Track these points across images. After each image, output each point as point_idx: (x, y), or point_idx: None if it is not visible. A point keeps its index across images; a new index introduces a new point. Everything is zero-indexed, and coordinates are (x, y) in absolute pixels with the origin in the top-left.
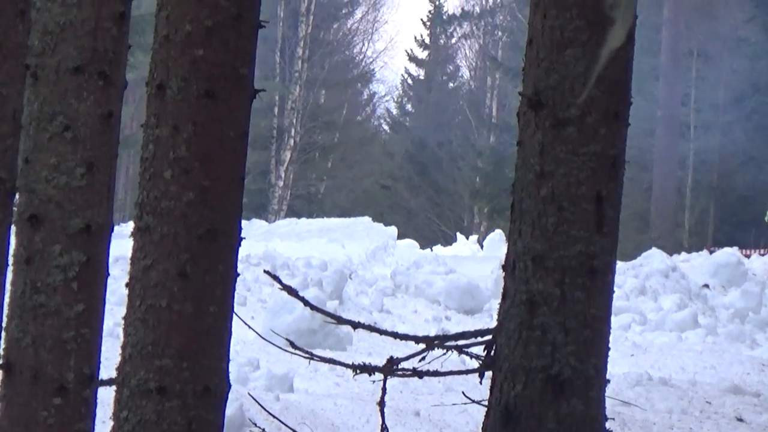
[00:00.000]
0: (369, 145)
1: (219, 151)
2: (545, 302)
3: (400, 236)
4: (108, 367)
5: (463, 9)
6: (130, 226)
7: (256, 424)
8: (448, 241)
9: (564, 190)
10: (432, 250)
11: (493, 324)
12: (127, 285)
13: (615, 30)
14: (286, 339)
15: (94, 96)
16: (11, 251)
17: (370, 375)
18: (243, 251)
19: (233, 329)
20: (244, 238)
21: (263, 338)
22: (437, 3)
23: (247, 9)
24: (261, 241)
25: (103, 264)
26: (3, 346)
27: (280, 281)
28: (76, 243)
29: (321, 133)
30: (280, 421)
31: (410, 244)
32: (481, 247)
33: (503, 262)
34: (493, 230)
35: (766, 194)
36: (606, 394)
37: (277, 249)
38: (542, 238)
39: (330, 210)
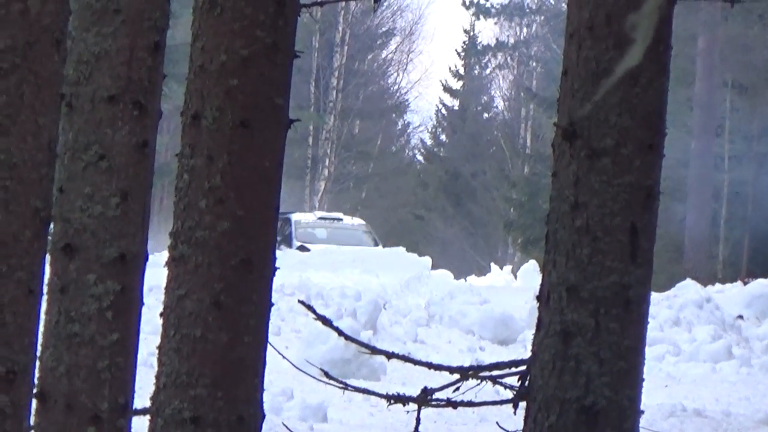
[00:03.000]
0: (403, 176)
1: (254, 181)
2: (579, 333)
3: (434, 266)
4: (142, 397)
5: (497, 40)
6: (165, 255)
7: None
8: (482, 271)
9: (598, 221)
10: (466, 281)
11: (527, 355)
12: (161, 314)
13: (633, 49)
14: (320, 369)
15: (128, 125)
16: (46, 280)
17: (404, 405)
18: (277, 281)
19: (267, 359)
20: (279, 268)
21: (297, 368)
22: (472, 34)
23: (282, 39)
24: (295, 271)
25: (137, 293)
26: (37, 375)
27: (314, 311)
28: (111, 272)
29: (355, 163)
30: None
31: (444, 274)
32: (515, 277)
33: (537, 293)
34: (527, 261)
35: None
36: (640, 425)
37: (312, 279)
38: (577, 268)
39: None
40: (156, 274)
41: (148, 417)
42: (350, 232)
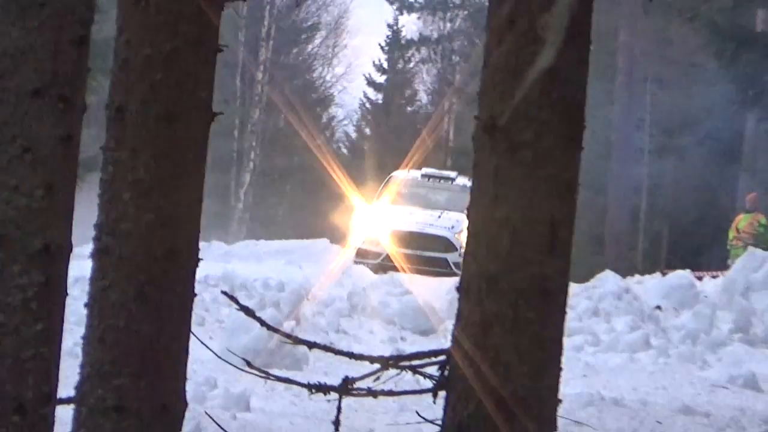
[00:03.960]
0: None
1: (178, 174)
2: (499, 323)
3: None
4: (67, 386)
5: (421, 34)
6: (90, 247)
7: None
8: None
9: (518, 214)
10: (387, 272)
11: (448, 345)
12: (86, 305)
13: (545, 51)
14: (243, 359)
15: (53, 119)
16: None
17: (325, 394)
18: (201, 272)
19: (191, 349)
20: (203, 259)
21: (220, 358)
22: (395, 28)
23: (206, 34)
24: (220, 262)
25: (62, 284)
26: None
27: (237, 302)
28: (36, 263)
29: (280, 156)
30: None
31: (331, 271)
32: None
33: (458, 284)
34: None
35: (720, 217)
36: (558, 414)
37: (236, 270)
38: (496, 260)
39: (288, 232)
40: (81, 266)
41: (72, 406)
42: (462, 195)
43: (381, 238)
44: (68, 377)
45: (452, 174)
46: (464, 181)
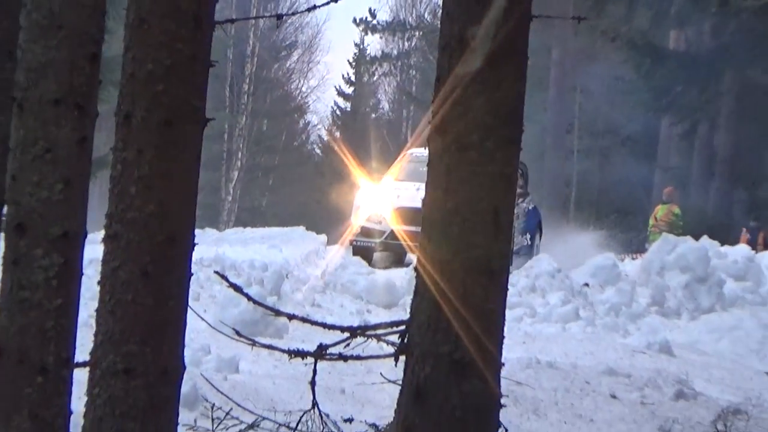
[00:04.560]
0: (304, 166)
1: (176, 171)
2: (450, 298)
3: (329, 242)
4: (83, 352)
5: (383, 51)
6: (101, 233)
7: (207, 400)
8: None
9: (467, 205)
10: (354, 254)
11: (407, 316)
12: (99, 283)
13: (474, 56)
14: (233, 328)
15: (70, 124)
16: (1, 255)
17: (303, 359)
18: (197, 255)
19: (188, 320)
20: (198, 244)
21: (213, 328)
22: (361, 47)
23: (200, 51)
24: (213, 246)
25: (78, 265)
26: None
27: (227, 280)
28: (55, 247)
29: (264, 155)
30: (228, 397)
31: (338, 249)
32: None
33: (415, 264)
34: None
35: (638, 208)
36: (501, 376)
37: (226, 253)
38: (447, 244)
39: (271, 220)
40: (94, 249)
41: (87, 369)
42: None
43: (385, 215)
44: (84, 344)
45: None
46: None
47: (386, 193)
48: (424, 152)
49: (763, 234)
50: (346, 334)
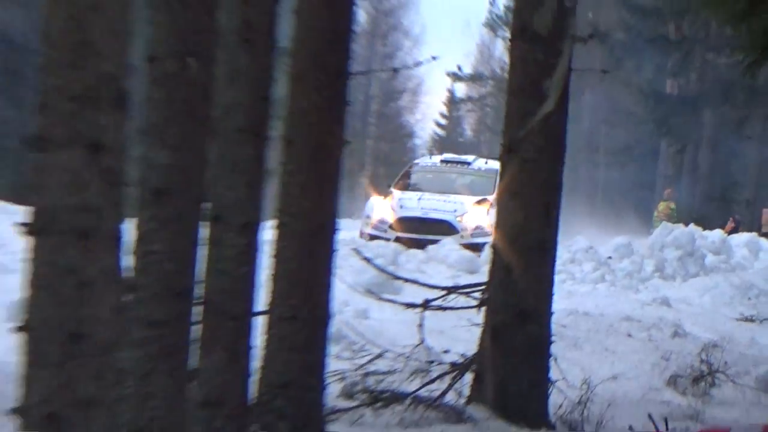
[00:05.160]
0: None
1: (324, 178)
2: (516, 267)
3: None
4: (261, 305)
5: (467, 95)
6: (272, 222)
7: (347, 338)
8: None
9: (528, 201)
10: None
11: (485, 280)
12: (273, 256)
13: (548, 101)
14: (366, 289)
15: (251, 146)
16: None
17: (414, 309)
18: (339, 236)
19: (334, 283)
20: (341, 230)
21: (351, 288)
22: (452, 91)
23: (341, 94)
24: (351, 231)
25: (257, 244)
26: (203, 292)
27: (361, 254)
28: (242, 233)
29: (383, 168)
30: (362, 335)
31: None
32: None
33: (492, 242)
34: None
35: (646, 205)
36: (552, 321)
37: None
38: (514, 229)
39: None
40: (267, 234)
41: (264, 317)
42: (477, 178)
43: (391, 223)
44: (261, 299)
45: (470, 158)
46: (480, 164)
47: (391, 203)
48: (428, 161)
49: (735, 220)
50: (443, 292)
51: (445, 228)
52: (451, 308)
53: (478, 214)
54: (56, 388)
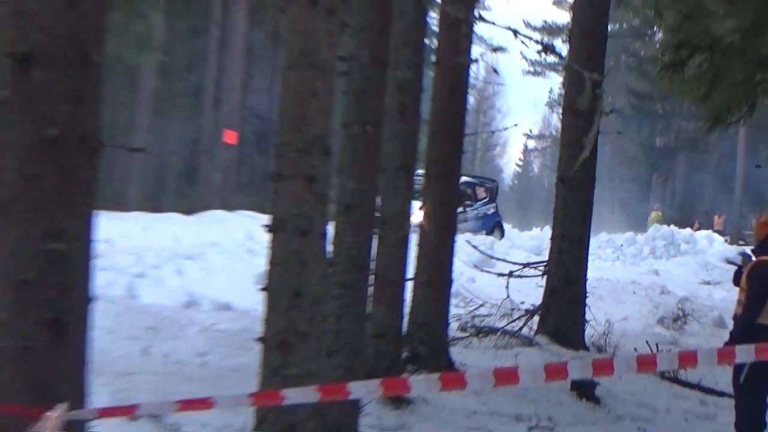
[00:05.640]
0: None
1: (447, 197)
2: (565, 251)
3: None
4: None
5: (536, 147)
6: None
7: (462, 294)
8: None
9: (573, 215)
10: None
11: (546, 259)
12: (417, 244)
13: (585, 151)
14: (473, 264)
15: (404, 180)
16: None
17: (503, 277)
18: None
19: (455, 260)
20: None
21: (465, 264)
22: (525, 144)
23: (460, 147)
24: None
25: (407, 238)
26: (375, 265)
27: (470, 243)
28: (399, 231)
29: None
30: (470, 293)
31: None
32: (541, 230)
33: (551, 237)
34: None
35: (643, 214)
36: (587, 284)
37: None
38: (565, 230)
39: None
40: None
41: (411, 282)
42: None
43: None
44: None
45: None
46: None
47: None
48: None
49: (699, 223)
50: (521, 266)
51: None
52: (526, 276)
53: (421, 216)
54: (285, 325)
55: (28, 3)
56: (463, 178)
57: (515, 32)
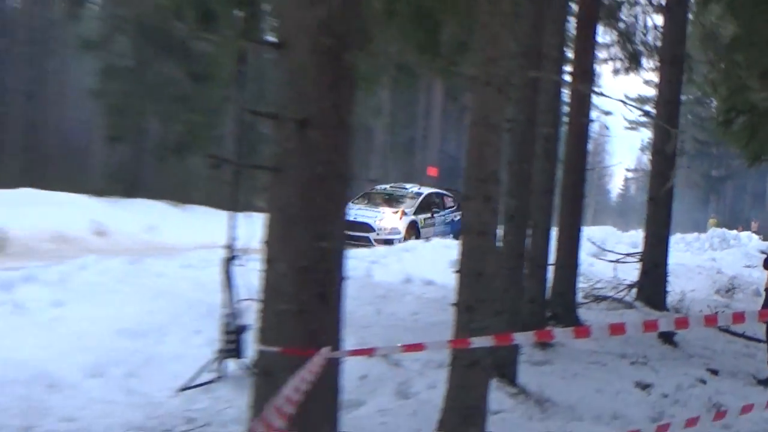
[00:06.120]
0: None
1: (578, 211)
2: (654, 245)
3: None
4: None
5: (633, 177)
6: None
7: (585, 275)
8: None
9: (656, 220)
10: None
11: (641, 250)
12: (557, 239)
13: (669, 181)
14: (593, 255)
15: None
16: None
17: (612, 262)
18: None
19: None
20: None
21: (587, 254)
22: (625, 175)
23: (583, 180)
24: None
25: (549, 234)
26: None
27: (589, 240)
28: (543, 233)
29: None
30: (590, 273)
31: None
32: (637, 231)
33: (643, 236)
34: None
35: (704, 220)
36: (668, 267)
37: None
38: (653, 233)
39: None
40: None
41: (553, 266)
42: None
43: None
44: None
45: (408, 185)
46: (414, 189)
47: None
48: (381, 186)
49: (741, 227)
50: (624, 255)
51: (366, 227)
52: (627, 262)
53: (393, 220)
54: (470, 295)
55: (304, 86)
56: (433, 190)
57: (624, 102)
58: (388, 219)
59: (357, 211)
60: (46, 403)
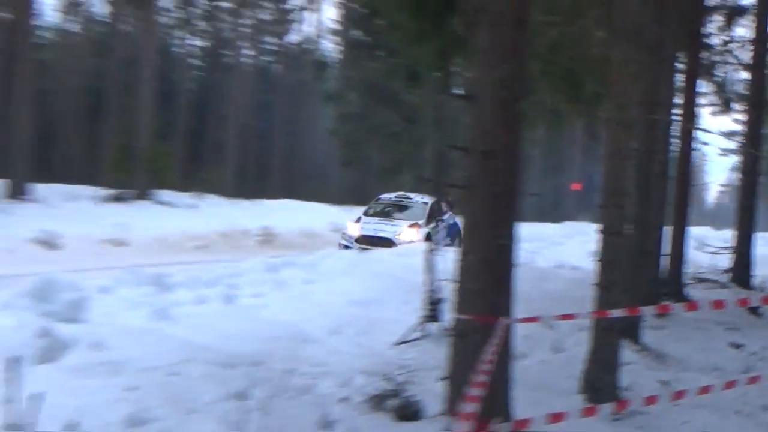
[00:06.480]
0: None
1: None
2: (742, 240)
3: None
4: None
5: (724, 190)
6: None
7: (690, 262)
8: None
9: (743, 222)
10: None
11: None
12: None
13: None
14: (695, 248)
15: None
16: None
17: (711, 253)
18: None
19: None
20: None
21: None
22: (718, 189)
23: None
24: None
25: (661, 234)
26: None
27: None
28: (651, 233)
29: None
30: (694, 261)
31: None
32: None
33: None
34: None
35: None
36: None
37: None
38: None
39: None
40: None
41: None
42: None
43: (355, 238)
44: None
45: (411, 195)
46: (418, 199)
47: (359, 225)
48: (386, 196)
49: None
50: (719, 248)
51: (388, 242)
52: (722, 253)
53: (410, 233)
54: (606, 277)
55: (486, 127)
56: (432, 198)
57: (726, 135)
58: (407, 233)
59: (375, 225)
60: (301, 352)
